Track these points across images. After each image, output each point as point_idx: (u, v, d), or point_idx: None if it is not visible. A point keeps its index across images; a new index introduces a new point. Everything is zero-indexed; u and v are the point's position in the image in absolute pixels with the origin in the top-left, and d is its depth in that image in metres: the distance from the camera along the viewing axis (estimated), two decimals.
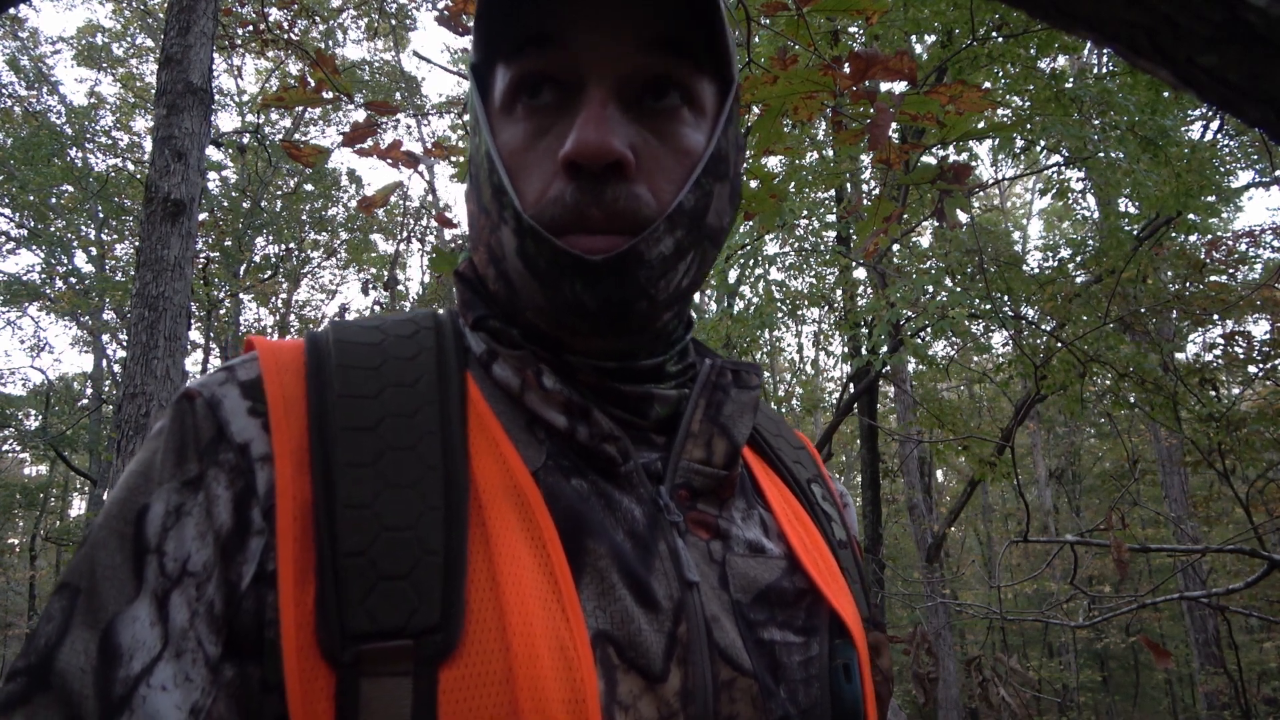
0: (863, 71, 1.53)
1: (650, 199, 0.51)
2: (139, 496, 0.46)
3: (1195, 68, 0.35)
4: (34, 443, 10.27)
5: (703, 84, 0.54)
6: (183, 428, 0.48)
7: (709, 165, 0.53)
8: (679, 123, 0.53)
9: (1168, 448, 10.04)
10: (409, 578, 0.43)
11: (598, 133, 0.48)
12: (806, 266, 8.70)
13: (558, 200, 0.50)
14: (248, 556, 0.45)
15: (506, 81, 0.53)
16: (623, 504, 0.51)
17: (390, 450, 0.47)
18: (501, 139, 0.53)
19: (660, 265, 0.51)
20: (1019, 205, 19.42)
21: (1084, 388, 5.82)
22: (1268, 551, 3.73)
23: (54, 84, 12.62)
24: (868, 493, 8.04)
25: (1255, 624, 12.65)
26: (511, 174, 0.52)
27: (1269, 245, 6.62)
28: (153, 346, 2.96)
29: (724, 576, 0.52)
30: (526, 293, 0.52)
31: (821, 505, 0.64)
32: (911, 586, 9.79)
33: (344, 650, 0.41)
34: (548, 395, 0.53)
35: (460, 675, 0.41)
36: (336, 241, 14.02)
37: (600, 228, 0.49)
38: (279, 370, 0.50)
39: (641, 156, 0.51)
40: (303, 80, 1.92)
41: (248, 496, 0.46)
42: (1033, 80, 5.57)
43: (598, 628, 0.46)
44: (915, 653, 2.91)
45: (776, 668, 0.51)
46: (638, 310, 0.51)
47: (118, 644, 0.42)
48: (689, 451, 0.55)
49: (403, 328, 0.55)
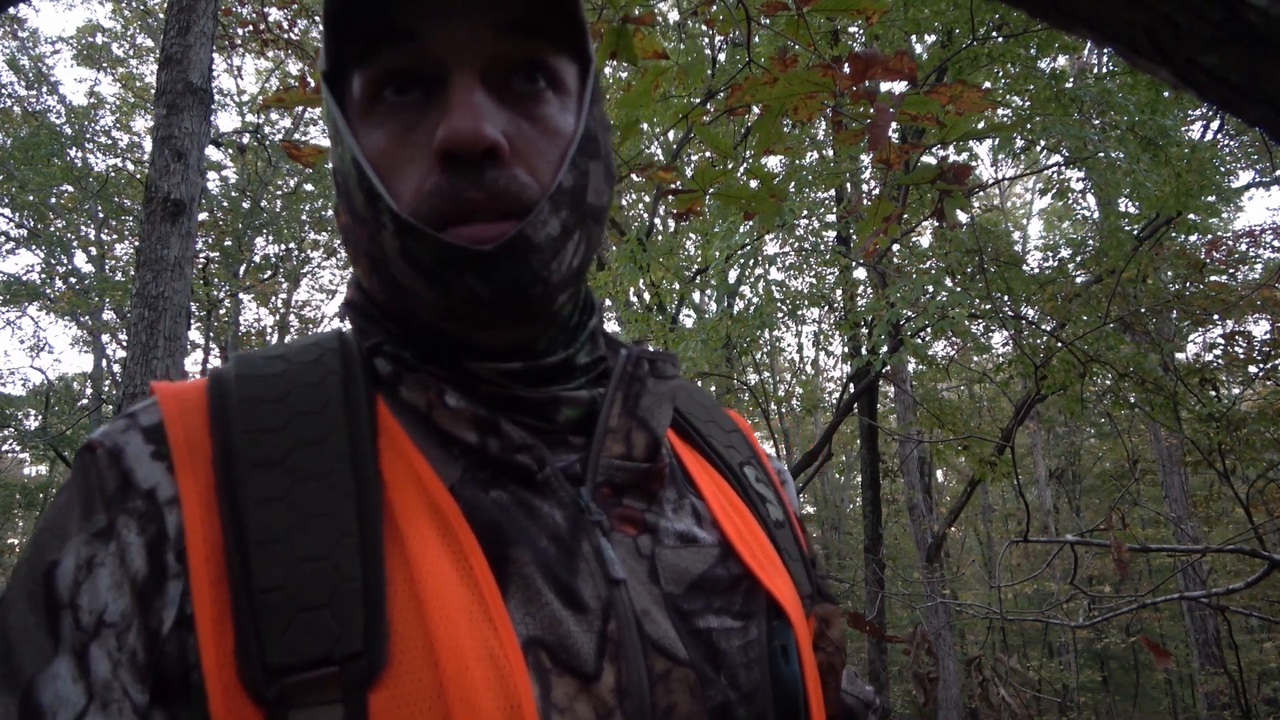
0: (862, 72, 1.53)
1: (530, 181, 0.50)
2: (47, 554, 0.46)
3: (1195, 68, 0.35)
4: (34, 443, 10.26)
5: (563, 64, 0.54)
6: (87, 480, 0.48)
7: (582, 144, 0.53)
8: (546, 105, 0.52)
9: (1168, 448, 10.04)
10: (328, 606, 0.43)
11: (470, 120, 0.48)
12: (806, 266, 8.71)
13: (435, 192, 0.49)
14: (166, 601, 0.44)
15: (363, 84, 0.52)
16: (543, 510, 0.51)
17: (301, 482, 0.46)
18: (366, 143, 0.52)
19: (550, 247, 0.50)
20: (1019, 205, 19.42)
21: (1084, 388, 5.82)
22: (1268, 551, 3.73)
23: (54, 84, 12.63)
24: (868, 493, 8.04)
25: (1255, 624, 12.65)
26: (382, 176, 0.50)
27: (1269, 245, 6.63)
28: (153, 346, 2.96)
29: (653, 570, 0.52)
30: (416, 293, 0.51)
31: (755, 488, 0.64)
32: (911, 586, 9.79)
33: (268, 686, 0.41)
34: (454, 414, 0.52)
35: (390, 697, 0.41)
36: (336, 241, 14.01)
37: (483, 213, 0.49)
38: (181, 412, 0.50)
39: (514, 142, 0.50)
40: (303, 80, 1.92)
41: (160, 541, 0.45)
42: (1033, 80, 5.57)
43: (528, 634, 0.46)
44: (915, 653, 2.90)
45: (715, 654, 0.51)
46: (534, 295, 0.50)
47: (38, 703, 0.42)
48: (608, 448, 0.55)
49: (307, 353, 0.54)
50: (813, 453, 7.21)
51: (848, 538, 16.94)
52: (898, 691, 11.17)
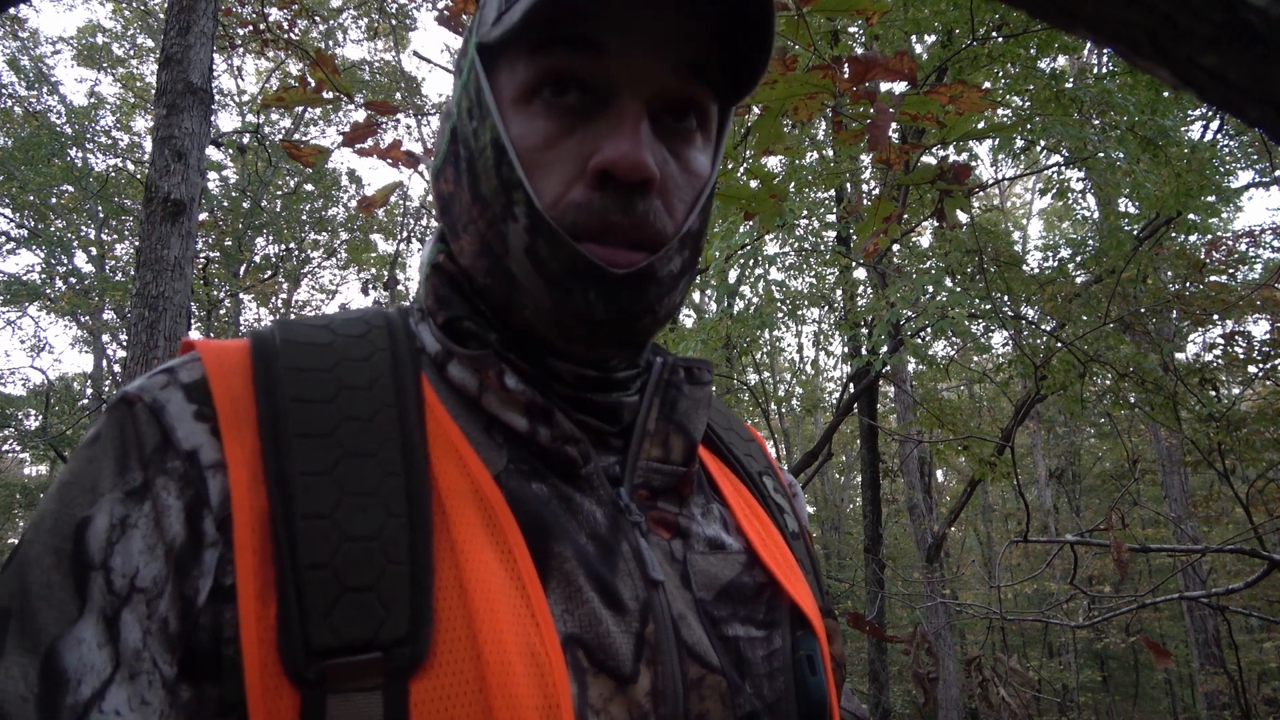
0: (862, 74, 1.53)
1: (668, 219, 0.51)
2: (77, 509, 0.43)
3: (1195, 68, 0.35)
4: (34, 443, 10.26)
5: (711, 106, 0.54)
6: (123, 434, 0.45)
7: (712, 188, 0.54)
8: (692, 145, 0.53)
9: (1168, 448, 10.04)
10: (374, 589, 0.41)
11: (635, 148, 0.48)
12: (806, 266, 8.70)
13: (581, 206, 0.49)
14: (203, 570, 0.42)
15: (528, 73, 0.51)
16: (584, 507, 0.51)
17: (348, 457, 0.45)
18: (515, 131, 0.51)
19: (668, 283, 0.52)
20: (1019, 205, 19.42)
21: (1084, 388, 5.82)
22: (1268, 551, 3.73)
23: (54, 84, 12.62)
24: (868, 493, 8.04)
25: (1255, 624, 12.64)
26: (526, 170, 0.50)
27: (1269, 245, 6.62)
28: (153, 346, 2.96)
29: (686, 575, 0.52)
30: (530, 293, 0.50)
31: (774, 497, 0.64)
32: (911, 586, 9.79)
33: (309, 667, 0.39)
34: (509, 396, 0.51)
35: (432, 686, 0.40)
36: (336, 241, 14.02)
37: (621, 239, 0.49)
38: (225, 373, 0.48)
39: (663, 177, 0.51)
40: (303, 80, 1.92)
41: (199, 506, 0.43)
42: (1033, 80, 5.57)
43: (566, 631, 0.45)
44: (915, 653, 2.90)
45: (741, 663, 0.50)
46: (642, 325, 0.51)
47: (62, 668, 0.40)
48: (646, 451, 0.55)
49: (353, 326, 0.53)
50: (813, 453, 7.21)
51: (848, 538, 16.93)
52: (898, 691, 11.17)
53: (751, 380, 10.36)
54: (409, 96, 12.52)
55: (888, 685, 7.70)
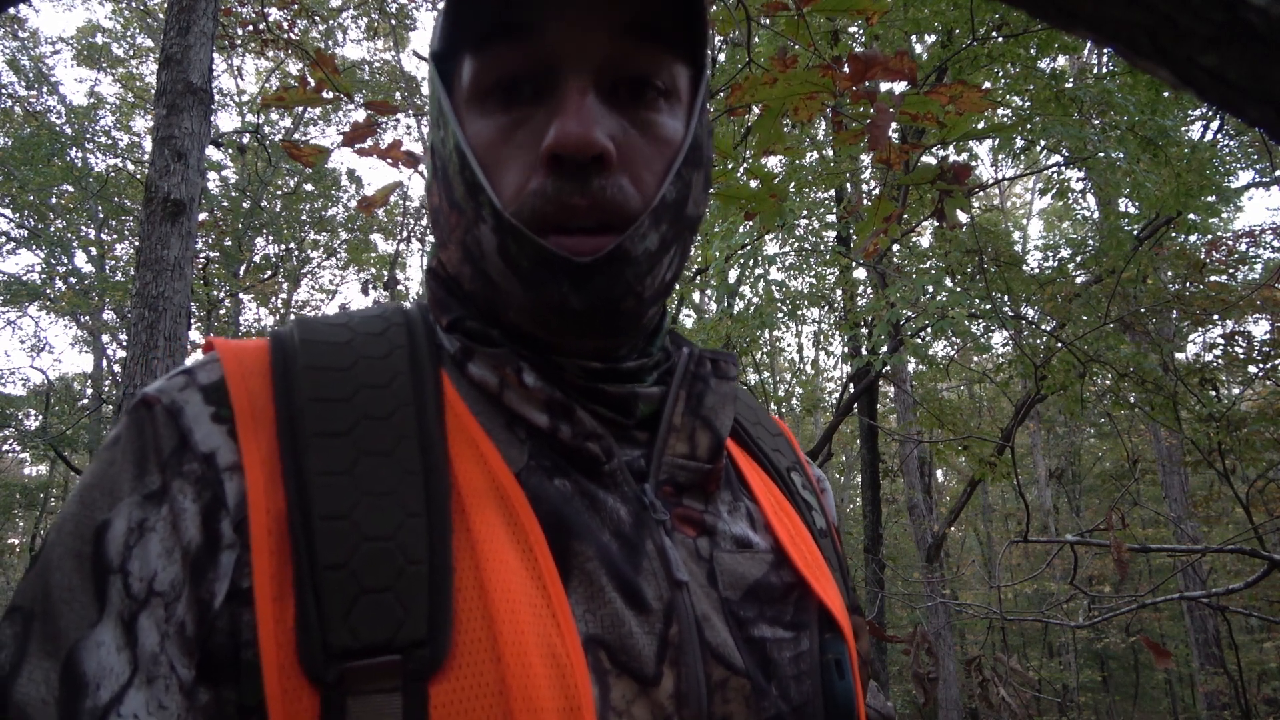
0: (862, 73, 1.53)
1: (633, 191, 0.49)
2: (96, 513, 0.43)
3: (1195, 68, 0.35)
4: (34, 443, 10.26)
5: (677, 69, 0.52)
6: (142, 437, 0.46)
7: (688, 154, 0.52)
8: (656, 111, 0.51)
9: (1168, 448, 10.04)
10: (393, 590, 0.41)
11: (580, 124, 0.47)
12: (806, 266, 8.71)
13: (538, 193, 0.48)
14: (220, 573, 0.42)
15: (474, 72, 0.51)
16: (607, 504, 0.50)
17: (366, 456, 0.45)
18: (472, 132, 0.51)
19: (646, 261, 0.49)
20: (1019, 205, 19.42)
21: (1084, 388, 5.82)
22: (1268, 551, 3.73)
23: (54, 84, 12.63)
24: (868, 493, 8.04)
25: (1255, 624, 12.64)
26: (486, 169, 0.50)
27: (1269, 245, 6.62)
28: (153, 346, 2.96)
29: (712, 574, 0.51)
30: (509, 293, 0.50)
31: (802, 494, 0.63)
32: (911, 586, 9.79)
33: (328, 669, 0.39)
34: (529, 393, 0.51)
35: (452, 689, 0.40)
36: (336, 241, 14.02)
37: (584, 221, 0.48)
38: (243, 374, 0.48)
39: (622, 149, 0.49)
40: (303, 80, 1.92)
41: (216, 509, 0.43)
42: (1033, 80, 5.57)
43: (588, 632, 0.44)
44: (915, 653, 2.90)
45: (767, 665, 0.49)
46: (625, 309, 0.49)
47: (82, 672, 0.40)
48: (672, 446, 0.54)
49: (372, 324, 0.53)
50: (812, 453, 7.21)
51: (848, 538, 16.94)
52: (898, 691, 11.17)
53: (751, 380, 10.36)
54: (409, 96, 12.52)
55: (888, 685, 7.70)
